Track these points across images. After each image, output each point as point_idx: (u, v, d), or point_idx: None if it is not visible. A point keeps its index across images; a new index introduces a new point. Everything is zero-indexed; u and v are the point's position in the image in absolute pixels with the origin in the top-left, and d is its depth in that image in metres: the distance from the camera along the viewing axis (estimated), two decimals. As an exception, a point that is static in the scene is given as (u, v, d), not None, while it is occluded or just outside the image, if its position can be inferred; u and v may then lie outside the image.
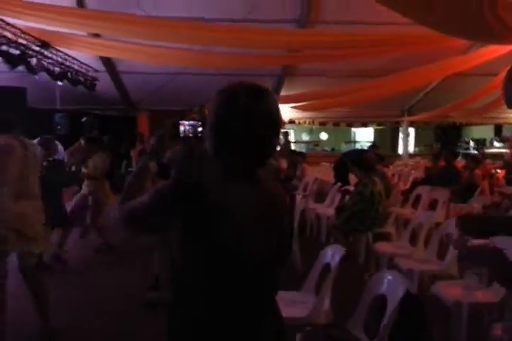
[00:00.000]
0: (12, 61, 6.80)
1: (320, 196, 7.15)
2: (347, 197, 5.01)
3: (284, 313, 1.25)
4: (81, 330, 3.19)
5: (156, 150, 1.78)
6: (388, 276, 2.01)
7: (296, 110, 13.70)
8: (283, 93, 12.42)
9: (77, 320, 3.33)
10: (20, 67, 7.16)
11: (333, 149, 17.63)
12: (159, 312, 1.66)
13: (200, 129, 11.26)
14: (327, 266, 2.48)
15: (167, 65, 9.45)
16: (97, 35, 7.98)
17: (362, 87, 10.45)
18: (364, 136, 19.00)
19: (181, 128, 9.06)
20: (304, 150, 16.17)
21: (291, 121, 15.07)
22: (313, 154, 14.61)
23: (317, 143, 18.31)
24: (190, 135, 9.61)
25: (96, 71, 9.96)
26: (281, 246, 1.17)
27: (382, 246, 4.08)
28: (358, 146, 17.62)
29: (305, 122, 15.15)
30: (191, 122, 9.43)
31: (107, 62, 10.10)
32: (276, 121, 1.16)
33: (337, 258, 2.42)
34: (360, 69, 10.38)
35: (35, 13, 6.00)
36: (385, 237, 4.60)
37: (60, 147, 7.33)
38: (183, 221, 1.04)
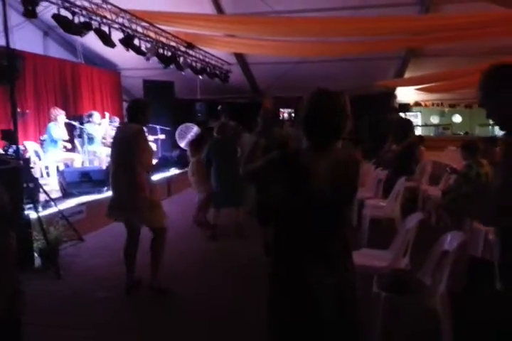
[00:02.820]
0: (165, 61, 8.27)
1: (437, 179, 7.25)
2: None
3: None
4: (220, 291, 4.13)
5: (263, 130, 2.41)
6: (450, 235, 2.46)
7: (423, 92, 13.27)
8: (407, 75, 12.19)
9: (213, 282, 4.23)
10: (171, 65, 8.63)
11: (466, 133, 16.54)
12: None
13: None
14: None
15: (290, 55, 10.16)
16: (231, 36, 9.02)
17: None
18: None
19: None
20: (431, 134, 15.58)
21: (417, 104, 14.61)
22: (441, 138, 14.05)
23: (447, 126, 17.34)
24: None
25: (229, 64, 11.21)
26: (345, 192, 1.79)
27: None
28: (495, 130, 16.21)
29: (432, 104, 14.58)
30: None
31: (239, 56, 11.24)
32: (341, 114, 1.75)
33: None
34: (492, 47, 9.73)
35: (183, 21, 7.28)
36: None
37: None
38: (283, 176, 1.74)
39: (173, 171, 8.60)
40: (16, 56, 4.99)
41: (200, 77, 10.06)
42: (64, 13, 5.66)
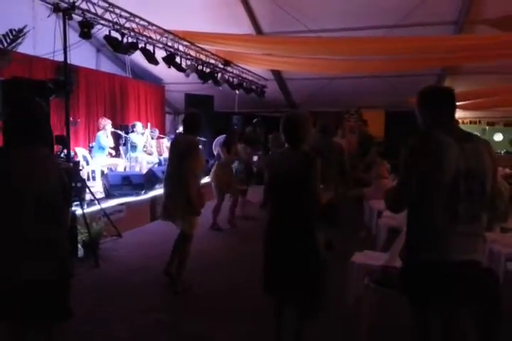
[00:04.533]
0: (204, 77, 8.91)
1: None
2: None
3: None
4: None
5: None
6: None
7: (459, 109, 13.20)
8: (444, 92, 12.20)
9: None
10: (209, 80, 9.25)
11: (507, 152, 16.13)
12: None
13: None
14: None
15: (326, 73, 10.53)
16: (268, 54, 9.48)
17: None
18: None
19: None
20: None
21: (455, 121, 14.50)
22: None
23: (488, 144, 16.93)
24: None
25: (265, 80, 11.74)
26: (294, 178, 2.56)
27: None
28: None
29: (470, 122, 14.45)
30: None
31: (275, 71, 11.75)
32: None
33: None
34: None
35: (222, 40, 7.88)
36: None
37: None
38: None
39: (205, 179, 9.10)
40: (71, 71, 5.69)
41: (237, 91, 10.63)
42: (114, 34, 6.37)
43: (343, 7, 8.43)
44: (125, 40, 6.44)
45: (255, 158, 7.91)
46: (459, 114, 14.04)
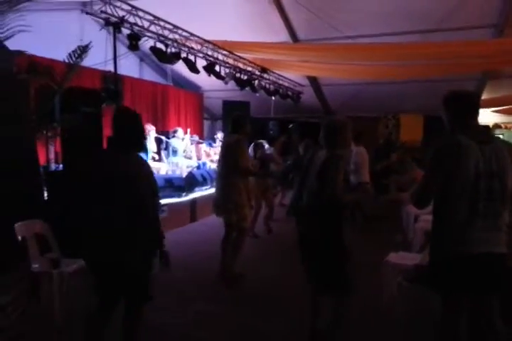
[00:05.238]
0: (242, 84, 9.21)
1: None
2: None
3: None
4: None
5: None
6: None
7: (502, 114, 12.88)
8: (484, 96, 11.95)
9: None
10: (247, 87, 9.55)
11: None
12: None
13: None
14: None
15: (362, 78, 10.57)
16: (305, 61, 9.64)
17: None
18: None
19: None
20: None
21: (497, 126, 14.12)
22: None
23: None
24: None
25: (301, 86, 11.92)
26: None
27: None
28: None
29: (512, 127, 14.01)
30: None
31: (311, 78, 11.91)
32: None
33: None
34: None
35: (259, 49, 8.16)
36: None
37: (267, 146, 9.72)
38: None
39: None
40: (118, 80, 6.10)
41: (273, 98, 10.88)
42: (159, 45, 6.77)
43: (379, 12, 8.48)
44: (169, 50, 6.82)
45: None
46: (501, 119, 13.72)
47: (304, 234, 2.81)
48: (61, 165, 5.00)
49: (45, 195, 4.29)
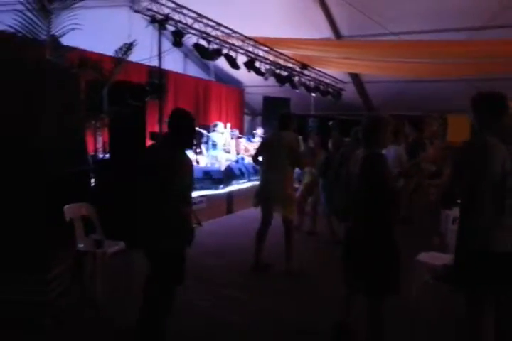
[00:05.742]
0: (282, 80, 9.30)
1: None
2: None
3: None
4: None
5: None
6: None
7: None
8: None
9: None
10: (286, 83, 9.62)
11: None
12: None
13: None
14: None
15: (406, 76, 10.36)
16: (347, 58, 9.59)
17: None
18: None
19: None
20: None
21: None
22: None
23: None
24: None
25: (343, 83, 11.83)
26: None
27: None
28: None
29: None
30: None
31: (354, 74, 11.78)
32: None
33: None
34: None
35: (301, 46, 8.21)
36: None
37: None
38: None
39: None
40: (162, 75, 6.36)
41: (313, 94, 10.88)
42: (201, 42, 6.99)
43: (424, 9, 8.31)
44: (211, 47, 7.02)
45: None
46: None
47: (352, 232, 2.75)
48: (108, 154, 5.31)
49: (92, 181, 4.61)
